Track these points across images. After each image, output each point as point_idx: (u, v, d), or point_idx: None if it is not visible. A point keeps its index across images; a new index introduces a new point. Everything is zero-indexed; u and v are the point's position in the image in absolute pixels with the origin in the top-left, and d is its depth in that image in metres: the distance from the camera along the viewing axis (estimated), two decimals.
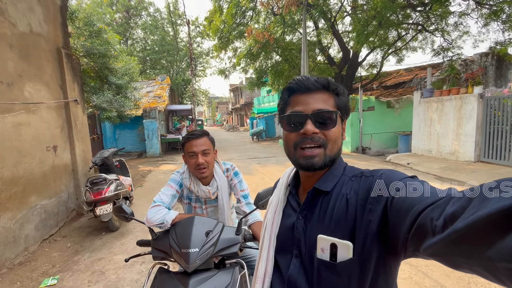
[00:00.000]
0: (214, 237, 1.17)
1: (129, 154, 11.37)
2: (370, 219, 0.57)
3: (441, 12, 9.33)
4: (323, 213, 0.65)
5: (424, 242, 0.43)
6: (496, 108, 6.09)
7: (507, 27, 9.04)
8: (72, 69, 4.34)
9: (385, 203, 0.55)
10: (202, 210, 1.55)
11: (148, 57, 19.43)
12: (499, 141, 6.09)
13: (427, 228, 0.43)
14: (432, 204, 0.45)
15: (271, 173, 7.10)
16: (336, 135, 0.68)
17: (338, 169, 0.70)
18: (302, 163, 0.67)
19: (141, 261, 2.91)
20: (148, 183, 6.59)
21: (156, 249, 1.21)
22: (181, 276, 1.12)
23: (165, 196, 1.39)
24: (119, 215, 1.26)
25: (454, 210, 0.39)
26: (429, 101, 7.76)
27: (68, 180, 4.16)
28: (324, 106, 0.67)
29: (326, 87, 0.69)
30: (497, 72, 9.63)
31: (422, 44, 11.59)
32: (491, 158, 6.31)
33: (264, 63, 12.70)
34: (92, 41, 5.78)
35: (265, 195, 1.23)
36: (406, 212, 0.49)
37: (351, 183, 0.66)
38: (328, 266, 0.60)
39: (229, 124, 38.13)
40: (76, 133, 4.32)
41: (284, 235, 0.73)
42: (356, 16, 10.16)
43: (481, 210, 0.35)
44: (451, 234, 0.38)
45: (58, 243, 3.47)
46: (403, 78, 12.88)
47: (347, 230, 0.60)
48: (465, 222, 0.36)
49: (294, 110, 0.69)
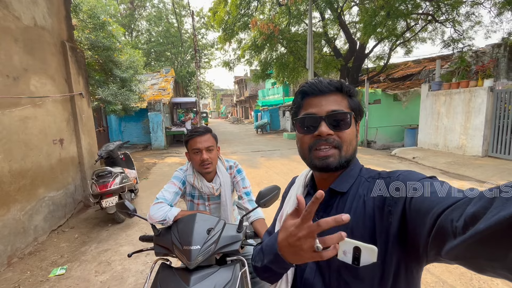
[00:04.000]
0: (215, 235, 1.18)
1: (134, 147, 11.48)
2: (390, 221, 0.56)
3: (452, 1, 9.01)
4: (339, 214, 0.64)
5: (446, 245, 0.42)
6: (507, 102, 5.94)
7: None
8: (76, 63, 4.35)
9: (403, 205, 0.54)
10: (205, 207, 1.56)
11: (153, 49, 19.37)
12: (509, 136, 5.96)
13: (448, 230, 0.42)
14: (452, 205, 0.44)
15: (276, 167, 7.11)
16: (350, 136, 0.68)
17: (354, 170, 0.70)
18: (318, 164, 0.67)
19: (146, 253, 2.96)
20: (153, 176, 6.67)
21: (159, 245, 1.23)
22: (183, 272, 1.14)
23: (168, 193, 1.41)
24: (122, 211, 1.28)
25: (475, 210, 0.38)
26: (437, 94, 7.59)
27: (75, 173, 4.23)
28: (338, 108, 0.67)
29: (339, 89, 0.69)
30: (509, 64, 9.34)
31: (431, 35, 11.26)
32: (499, 153, 6.19)
33: (269, 55, 12.55)
34: (97, 34, 5.77)
35: (267, 193, 1.23)
36: (426, 214, 0.48)
37: (367, 184, 0.65)
38: (350, 269, 0.59)
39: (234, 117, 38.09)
40: (81, 126, 4.37)
41: None
42: (364, 6, 9.90)
43: (504, 210, 0.33)
44: (473, 236, 0.36)
45: (66, 234, 3.56)
46: (411, 70, 12.61)
47: (366, 232, 0.59)
48: (487, 223, 0.35)
49: (308, 113, 0.69)
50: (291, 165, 7.27)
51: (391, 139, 10.13)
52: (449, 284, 2.28)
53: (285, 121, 18.53)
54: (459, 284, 2.27)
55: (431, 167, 6.33)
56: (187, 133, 1.48)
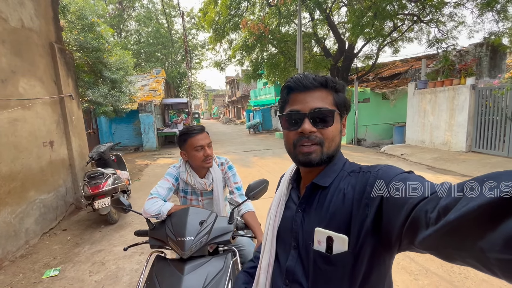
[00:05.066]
0: (208, 226, 1.24)
1: (125, 149, 11.38)
2: (366, 214, 0.58)
3: (436, 2, 9.31)
4: (320, 206, 0.67)
5: (418, 235, 0.44)
6: (488, 99, 6.19)
7: (501, 17, 9.07)
8: (65, 64, 4.32)
9: (381, 198, 0.56)
10: (198, 202, 1.62)
11: (143, 50, 19.18)
12: (490, 132, 6.21)
13: (421, 220, 0.44)
14: (427, 197, 0.46)
15: (268, 166, 7.19)
16: (333, 133, 0.69)
17: (337, 164, 0.72)
18: (301, 159, 0.69)
19: (140, 251, 3.01)
20: (146, 177, 6.65)
21: (153, 238, 1.29)
22: (177, 263, 1.20)
23: (162, 189, 1.46)
24: (117, 207, 1.32)
25: (447, 202, 0.39)
26: (423, 93, 7.83)
27: (66, 175, 4.21)
28: (322, 105, 0.68)
29: (324, 85, 0.69)
30: (491, 62, 9.70)
31: (418, 34, 11.59)
32: (482, 148, 6.45)
33: (260, 55, 12.63)
34: (85, 35, 5.72)
35: (256, 186, 1.30)
36: (402, 205, 0.49)
37: (349, 178, 0.67)
38: (324, 258, 0.62)
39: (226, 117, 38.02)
40: (72, 128, 4.34)
41: (284, 227, 0.76)
42: (352, 7, 10.10)
43: (472, 201, 0.35)
44: (444, 226, 0.38)
45: (58, 236, 3.55)
46: (399, 69, 12.91)
47: (343, 223, 0.61)
48: (457, 213, 0.36)
49: (292, 109, 0.70)
50: (284, 163, 7.37)
51: (380, 137, 10.37)
52: (432, 272, 2.40)
53: (277, 121, 18.65)
54: (441, 271, 2.40)
55: (418, 163, 6.54)
56: (184, 131, 1.54)
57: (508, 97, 5.69)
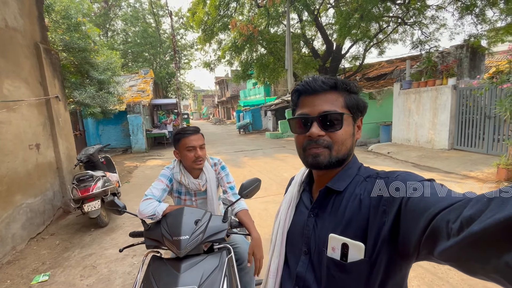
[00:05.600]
0: (202, 225, 1.28)
1: (113, 150, 11.16)
2: (384, 221, 0.56)
3: (419, 5, 9.64)
4: (334, 212, 0.65)
5: (439, 245, 0.42)
6: (468, 99, 6.48)
7: (480, 20, 9.49)
8: (51, 65, 4.23)
9: (399, 205, 0.54)
10: (192, 203, 1.65)
11: (130, 50, 18.84)
12: (471, 130, 6.50)
13: (442, 231, 0.42)
14: (449, 206, 0.44)
15: (259, 165, 7.25)
16: (343, 136, 0.67)
17: (352, 168, 0.70)
18: (309, 161, 0.68)
19: (132, 254, 2.99)
20: (135, 179, 6.57)
21: (149, 239, 1.31)
22: (173, 262, 1.23)
23: (156, 190, 1.49)
24: (112, 209, 1.34)
25: (472, 213, 0.37)
26: (408, 93, 8.10)
27: (53, 178, 4.11)
28: (331, 108, 0.66)
29: (334, 87, 0.68)
30: (471, 63, 10.12)
31: (402, 36, 11.99)
32: (463, 146, 6.74)
33: (249, 56, 12.69)
34: (71, 35, 5.60)
35: (249, 185, 1.35)
36: (421, 214, 0.48)
37: (365, 184, 0.64)
38: (338, 265, 0.60)
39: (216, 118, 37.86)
40: (59, 130, 4.25)
41: (294, 231, 0.74)
42: (339, 9, 10.31)
43: (499, 213, 0.33)
44: (467, 238, 0.36)
45: (46, 241, 3.47)
46: (385, 70, 13.27)
47: (359, 230, 0.59)
48: (482, 225, 0.34)
49: (301, 113, 0.69)
50: (274, 163, 7.45)
51: (367, 136, 10.62)
52: (417, 264, 2.52)
53: (267, 121, 18.76)
54: (426, 264, 2.52)
55: (404, 161, 6.76)
56: (179, 131, 1.57)
57: (486, 97, 5.97)
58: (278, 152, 9.26)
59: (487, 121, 6.08)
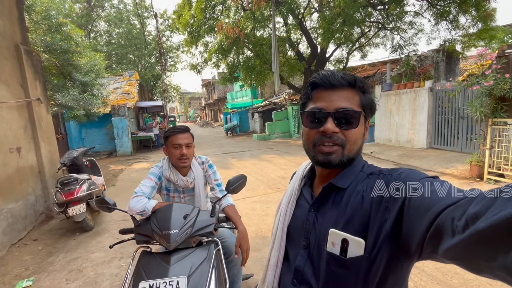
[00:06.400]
0: (191, 220, 1.34)
1: (98, 154, 10.89)
2: (386, 218, 0.55)
3: (398, 11, 10.09)
4: (335, 207, 0.65)
5: (443, 243, 0.42)
6: (444, 100, 6.85)
7: (454, 26, 10.05)
8: (33, 66, 4.13)
9: (403, 202, 0.53)
10: (180, 199, 1.71)
11: (114, 51, 18.46)
12: (447, 130, 6.87)
13: (447, 228, 0.41)
14: (454, 204, 0.43)
15: (246, 167, 7.32)
16: (356, 136, 0.66)
17: (356, 166, 0.69)
18: (320, 159, 0.66)
19: (120, 256, 2.98)
20: (121, 182, 6.47)
21: (139, 234, 1.36)
22: (163, 255, 1.28)
23: (145, 187, 1.54)
24: (102, 206, 1.38)
25: (477, 210, 0.37)
26: (389, 95, 8.44)
27: (35, 182, 4.01)
28: (348, 105, 0.64)
29: (352, 84, 0.66)
30: (447, 67, 10.71)
31: (383, 40, 12.48)
32: (440, 145, 7.10)
33: (236, 58, 12.77)
34: (53, 36, 5.48)
35: (235, 181, 1.43)
36: (425, 211, 0.47)
37: (367, 181, 0.64)
38: (337, 260, 0.60)
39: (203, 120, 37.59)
40: (40, 133, 4.15)
41: (294, 225, 0.74)
42: (323, 14, 10.61)
43: (505, 209, 0.33)
44: (473, 235, 0.36)
45: (29, 247, 3.38)
46: (367, 73, 13.72)
47: (360, 226, 0.59)
48: (488, 222, 0.34)
49: (316, 107, 0.67)
50: (261, 164, 7.54)
51: None
52: None
53: (254, 123, 18.87)
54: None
55: (386, 160, 7.04)
56: (169, 129, 1.62)
57: (459, 98, 6.35)
58: (266, 154, 9.37)
59: (461, 121, 6.46)
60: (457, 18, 9.86)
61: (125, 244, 2.54)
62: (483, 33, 9.61)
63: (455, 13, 9.65)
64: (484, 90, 4.37)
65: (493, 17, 9.35)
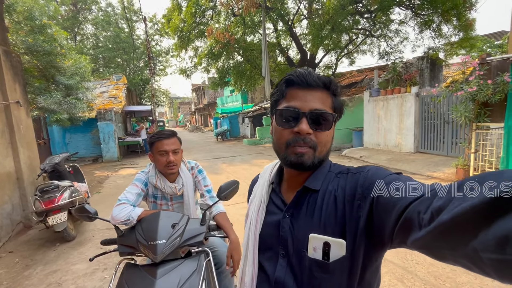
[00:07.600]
0: (180, 229, 1.25)
1: (82, 160, 10.51)
2: (360, 215, 0.57)
3: (384, 19, 10.39)
4: (311, 211, 0.64)
5: (411, 235, 0.44)
6: (429, 105, 7.03)
7: (437, 35, 10.43)
8: (12, 68, 3.94)
9: (372, 199, 0.55)
10: (168, 207, 1.61)
11: (101, 55, 18.07)
12: (433, 134, 7.04)
13: (414, 221, 0.43)
14: (418, 198, 0.46)
15: (237, 172, 7.22)
16: (327, 138, 0.66)
17: (325, 167, 0.69)
18: (293, 160, 0.64)
19: (103, 267, 2.82)
20: (107, 189, 6.23)
21: (123, 245, 1.26)
22: (149, 268, 1.19)
23: (130, 194, 1.43)
24: (82, 216, 1.27)
25: (441, 203, 0.39)
26: (377, 100, 8.60)
27: (12, 190, 3.78)
28: (322, 107, 0.64)
29: (327, 86, 0.65)
30: (431, 73, 11.05)
31: (370, 47, 12.80)
32: (427, 149, 7.26)
33: (226, 63, 12.76)
34: (35, 37, 5.27)
35: (227, 187, 1.35)
36: (393, 206, 0.49)
37: (337, 180, 0.64)
38: (321, 266, 0.59)
39: (193, 125, 37.25)
40: (19, 138, 3.94)
41: (268, 234, 0.70)
42: (312, 20, 10.79)
43: (465, 202, 0.35)
44: (437, 227, 0.38)
45: (4, 260, 3.16)
46: (356, 79, 13.99)
47: (338, 227, 0.59)
48: (450, 214, 0.36)
49: (290, 105, 0.64)
50: (252, 169, 7.46)
51: (341, 141, 11.05)
52: (388, 260, 2.65)
53: (244, 128, 18.82)
54: (396, 259, 2.66)
55: (375, 164, 7.11)
56: (154, 134, 1.52)
57: (444, 103, 6.53)
58: (256, 158, 9.31)
59: (446, 126, 6.63)
60: (440, 27, 10.25)
61: (109, 255, 2.40)
62: (464, 42, 10.02)
63: (438, 22, 10.04)
64: (468, 95, 4.50)
65: (473, 26, 9.78)
